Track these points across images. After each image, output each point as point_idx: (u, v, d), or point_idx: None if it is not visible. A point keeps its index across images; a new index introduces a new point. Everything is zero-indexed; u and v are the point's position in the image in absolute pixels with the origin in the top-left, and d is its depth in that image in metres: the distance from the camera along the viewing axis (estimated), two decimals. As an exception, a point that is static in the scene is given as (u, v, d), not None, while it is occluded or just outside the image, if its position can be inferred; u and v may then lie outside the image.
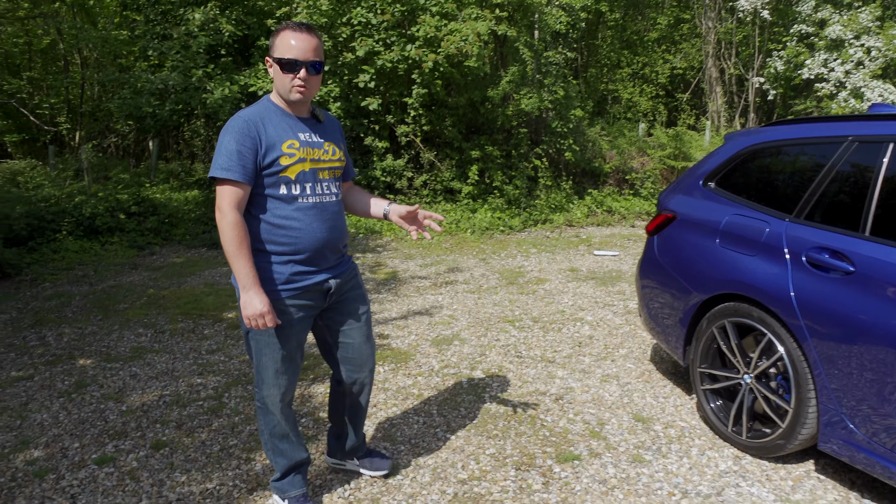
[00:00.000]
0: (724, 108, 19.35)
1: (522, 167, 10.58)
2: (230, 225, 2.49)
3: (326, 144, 2.71)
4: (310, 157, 2.62)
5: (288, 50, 2.53)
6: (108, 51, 14.37)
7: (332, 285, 2.75)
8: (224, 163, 2.50)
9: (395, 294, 6.58)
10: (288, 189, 2.59)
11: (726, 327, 3.64)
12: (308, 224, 2.61)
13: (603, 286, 6.90)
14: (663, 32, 20.79)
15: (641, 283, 4.48)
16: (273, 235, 2.60)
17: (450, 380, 4.50)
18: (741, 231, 3.67)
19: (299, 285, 2.65)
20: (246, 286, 2.51)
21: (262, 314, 2.52)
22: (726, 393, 3.79)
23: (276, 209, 2.59)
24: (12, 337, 5.48)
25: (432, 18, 9.28)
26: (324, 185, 2.68)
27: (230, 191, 2.51)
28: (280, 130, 2.58)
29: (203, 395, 4.27)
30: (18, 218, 8.67)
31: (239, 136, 2.51)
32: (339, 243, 2.77)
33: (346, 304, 2.86)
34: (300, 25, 2.57)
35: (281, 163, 2.55)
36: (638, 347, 5.14)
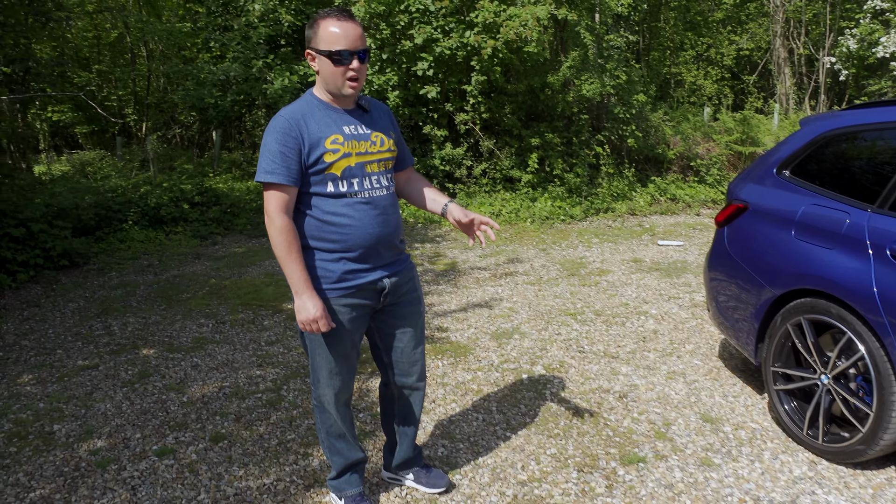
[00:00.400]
0: (794, 89, 18.62)
1: (583, 154, 10.35)
2: (278, 230, 2.43)
3: (374, 135, 2.60)
4: (356, 151, 2.51)
5: (336, 41, 2.41)
6: (172, 43, 14.64)
7: (387, 285, 2.65)
8: (268, 165, 2.43)
9: (455, 286, 6.50)
10: (335, 186, 2.50)
11: (802, 324, 3.45)
12: (359, 220, 2.51)
13: (668, 278, 6.68)
14: (729, 12, 20.08)
15: (710, 277, 4.29)
16: (323, 233, 2.52)
17: (510, 375, 4.40)
18: (819, 222, 3.46)
19: (351, 284, 2.57)
20: (298, 291, 2.45)
21: (316, 319, 2.45)
22: (801, 394, 3.59)
23: (324, 206, 2.50)
24: (79, 325, 5.61)
25: (491, 3, 9.12)
26: (373, 178, 2.57)
27: (276, 195, 2.44)
28: (323, 126, 2.48)
29: (262, 388, 4.27)
30: (87, 208, 8.90)
31: (281, 137, 2.43)
32: (394, 239, 2.66)
33: (400, 307, 2.76)
34: (342, 12, 2.45)
35: (325, 160, 2.45)
36: (705, 343, 4.94)
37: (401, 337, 2.79)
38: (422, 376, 2.90)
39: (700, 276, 6.75)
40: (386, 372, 2.88)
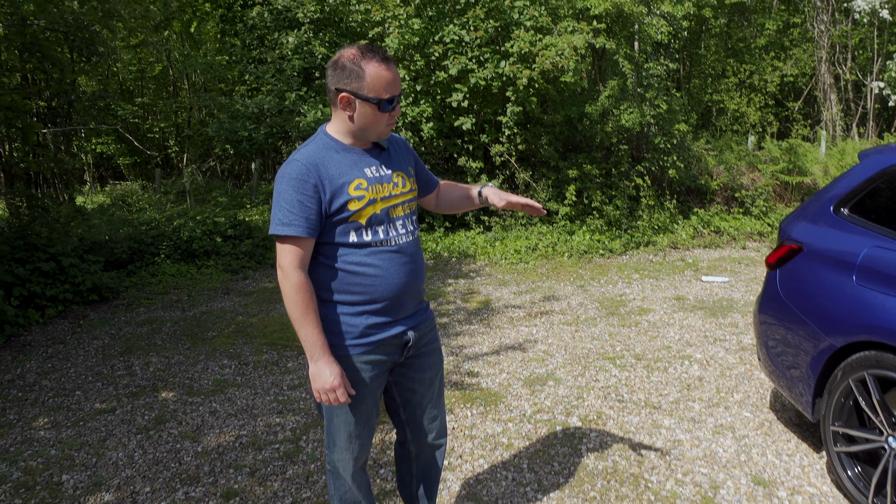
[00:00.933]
0: (840, 116, 18.05)
1: (623, 186, 10.04)
2: (294, 288, 2.18)
3: (396, 176, 2.36)
4: (380, 196, 2.28)
5: (386, 87, 2.19)
6: (212, 76, 14.80)
7: (411, 337, 2.41)
8: (285, 216, 2.18)
9: (487, 325, 6.24)
10: (359, 235, 2.26)
11: (866, 380, 3.11)
12: (385, 270, 2.29)
13: (713, 317, 6.33)
14: (771, 38, 19.62)
15: (761, 322, 3.96)
16: (344, 285, 2.28)
17: (543, 427, 4.11)
18: (884, 267, 3.13)
19: (375, 339, 2.32)
20: (314, 356, 2.20)
21: (334, 388, 2.21)
22: (866, 457, 3.24)
23: (347, 256, 2.27)
24: (102, 365, 5.47)
25: (526, 33, 8.95)
26: (398, 224, 2.34)
27: (293, 248, 2.19)
28: (344, 169, 2.25)
29: (280, 438, 4.05)
30: (120, 241, 8.88)
31: (298, 184, 2.18)
32: (419, 288, 2.45)
33: (420, 359, 2.52)
34: (385, 55, 2.22)
35: (350, 208, 2.22)
36: (755, 392, 4.59)
37: (420, 391, 2.54)
38: (442, 432, 2.65)
39: (748, 315, 6.38)
40: (403, 429, 2.63)
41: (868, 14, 16.47)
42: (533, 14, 9.06)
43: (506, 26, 9.31)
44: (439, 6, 9.64)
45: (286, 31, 9.73)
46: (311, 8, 9.43)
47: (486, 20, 9.10)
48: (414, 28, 9.10)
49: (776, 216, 10.68)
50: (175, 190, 13.31)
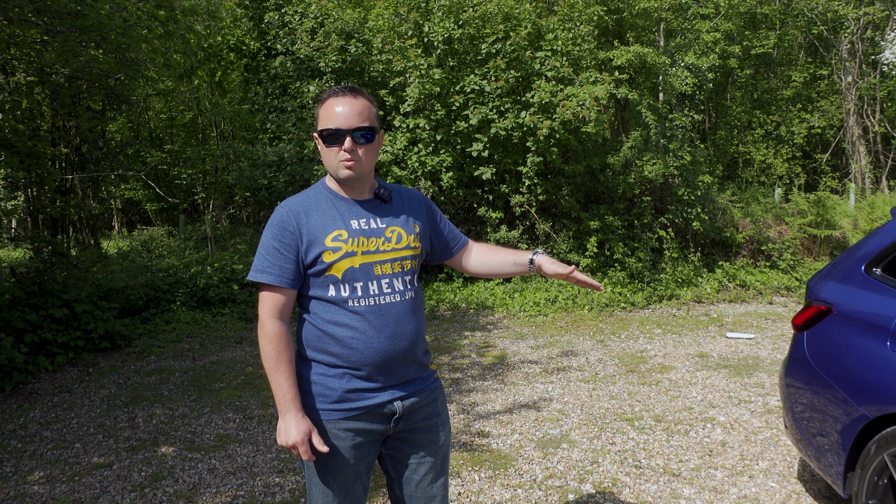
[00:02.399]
0: (869, 169, 17.76)
1: (646, 238, 9.84)
2: (266, 338, 2.10)
3: (390, 230, 2.21)
4: (361, 250, 2.14)
5: (330, 119, 2.11)
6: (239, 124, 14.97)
7: (399, 408, 2.20)
8: (260, 263, 2.13)
9: (501, 382, 6.03)
10: (336, 290, 2.13)
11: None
12: (362, 332, 2.12)
13: (737, 377, 6.07)
14: (798, 90, 19.48)
15: (787, 386, 3.72)
16: (324, 344, 2.14)
17: (554, 495, 3.88)
18: (921, 333, 2.91)
19: (355, 405, 2.15)
20: (283, 410, 2.08)
21: (296, 445, 2.07)
22: (904, 538, 2.98)
23: (325, 313, 2.14)
24: (105, 416, 5.35)
25: (547, 83, 8.90)
26: (382, 282, 2.16)
27: (268, 297, 2.12)
28: (326, 219, 2.14)
29: (279, 500, 3.87)
30: (138, 288, 8.85)
31: (277, 231, 2.12)
32: (412, 354, 2.22)
33: (417, 434, 2.29)
34: (344, 89, 2.15)
35: (324, 259, 2.10)
36: (782, 460, 4.32)
37: (416, 468, 2.31)
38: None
39: (774, 374, 6.11)
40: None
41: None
42: (554, 65, 9.02)
43: (526, 76, 9.28)
44: (460, 56, 9.66)
45: (308, 80, 9.79)
46: (333, 58, 9.49)
47: (506, 70, 9.09)
48: (435, 78, 9.10)
49: (804, 270, 10.39)
50: (197, 236, 13.34)
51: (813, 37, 19.53)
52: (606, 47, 10.38)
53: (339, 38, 9.67)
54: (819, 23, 18.17)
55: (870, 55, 18.23)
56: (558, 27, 9.32)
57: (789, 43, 20.24)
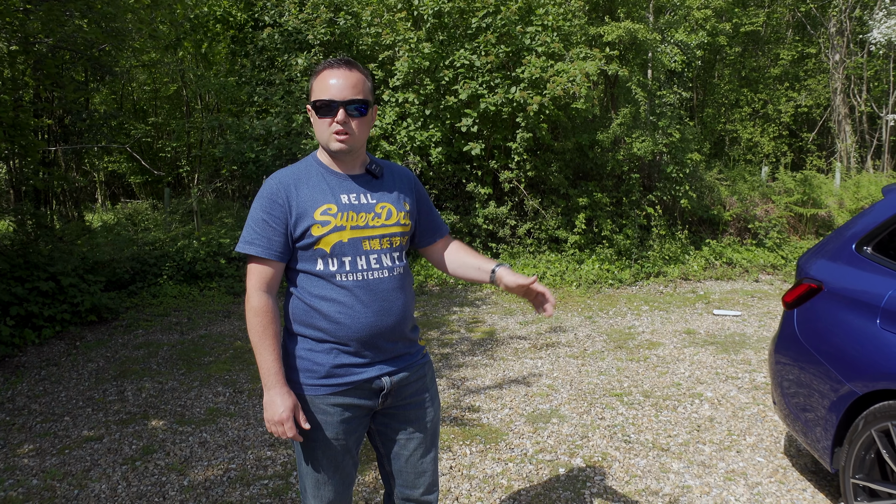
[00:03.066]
0: (855, 148, 17.87)
1: (634, 215, 9.87)
2: (253, 311, 2.10)
3: (380, 206, 2.21)
4: (350, 224, 2.14)
5: (324, 91, 2.10)
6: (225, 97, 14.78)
7: (387, 384, 2.21)
8: (248, 234, 2.12)
9: (491, 357, 6.06)
10: (325, 264, 2.13)
11: (890, 431, 2.91)
12: (350, 307, 2.12)
13: (724, 353, 6.13)
14: (786, 68, 19.51)
15: (776, 363, 3.77)
16: (311, 318, 2.15)
17: (545, 469, 3.91)
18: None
19: (342, 381, 2.15)
20: (268, 384, 2.09)
21: (281, 421, 2.07)
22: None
23: (312, 287, 2.14)
24: (94, 389, 5.33)
25: (538, 59, 8.84)
26: (371, 257, 2.16)
27: (256, 269, 2.12)
28: (316, 193, 2.14)
29: (270, 473, 3.88)
30: (124, 262, 8.78)
31: (266, 203, 2.12)
32: (399, 330, 2.22)
33: (406, 410, 2.30)
34: (339, 61, 2.13)
35: (313, 233, 2.10)
36: (769, 435, 4.38)
37: (405, 444, 2.33)
38: (431, 488, 2.40)
39: (761, 351, 6.17)
40: (388, 482, 2.43)
41: (884, 46, 16.35)
42: (545, 40, 8.97)
43: (517, 52, 9.22)
44: (450, 31, 9.57)
45: (296, 52, 9.67)
46: (322, 31, 9.37)
47: (497, 45, 9.02)
48: (424, 52, 9.02)
49: (790, 248, 10.47)
50: (182, 209, 13.23)
51: (801, 15, 19.52)
52: (597, 23, 10.32)
53: (328, 10, 9.55)
54: (808, 1, 18.15)
55: (857, 34, 18.25)
56: (549, 2, 9.25)
57: (777, 21, 20.22)
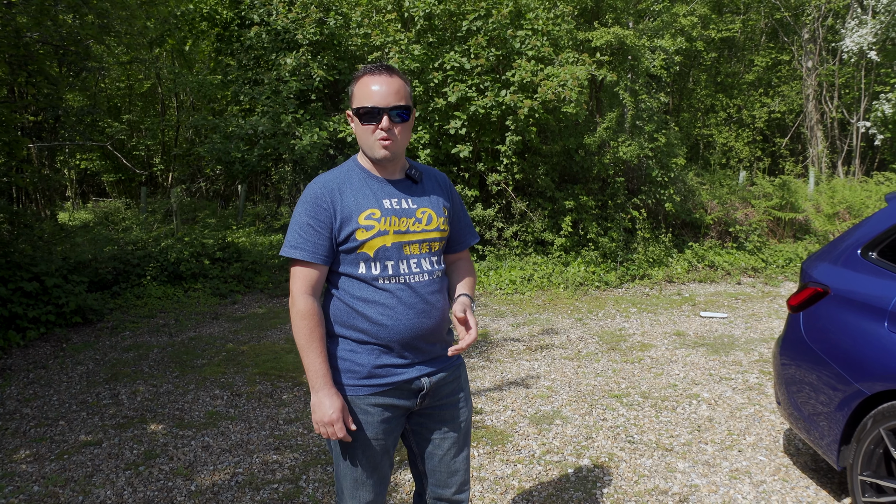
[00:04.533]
0: (826, 153, 18.23)
1: (619, 218, 9.96)
2: (299, 315, 2.11)
3: (420, 212, 2.23)
4: (393, 229, 2.15)
5: (367, 97, 2.10)
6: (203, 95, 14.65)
7: (426, 385, 2.23)
8: (294, 239, 2.13)
9: (487, 359, 6.07)
10: (367, 268, 2.15)
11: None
12: (392, 309, 2.14)
13: (715, 355, 6.21)
14: (760, 75, 19.85)
15: (782, 366, 3.83)
16: (352, 320, 2.16)
17: (553, 469, 3.93)
18: (919, 314, 3.02)
19: (384, 381, 2.17)
20: (316, 386, 2.10)
21: (332, 422, 2.09)
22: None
23: (355, 290, 2.16)
24: (86, 392, 5.24)
25: (528, 63, 8.88)
26: (412, 262, 2.19)
27: (301, 273, 2.13)
28: (360, 198, 2.15)
29: (279, 476, 3.84)
30: (105, 261, 8.64)
31: (311, 208, 2.13)
32: (438, 332, 2.25)
33: (442, 410, 2.32)
34: (380, 67, 2.14)
35: (357, 237, 2.12)
36: (767, 434, 4.45)
37: (439, 443, 2.34)
38: (463, 487, 2.41)
39: (750, 353, 6.26)
40: (420, 481, 2.44)
41: (856, 54, 16.69)
42: (535, 44, 9.01)
43: (507, 55, 9.25)
44: (440, 33, 9.57)
45: (284, 52, 9.60)
46: (311, 30, 9.31)
47: (487, 48, 9.04)
48: (414, 54, 9.01)
49: (769, 252, 10.64)
50: (162, 209, 13.07)
51: (775, 22, 19.85)
52: (584, 28, 10.40)
53: (318, 10, 9.49)
54: (782, 8, 18.47)
55: (830, 42, 18.62)
56: (539, 6, 9.30)
57: (752, 28, 20.55)
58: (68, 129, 11.63)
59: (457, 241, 2.44)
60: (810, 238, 11.42)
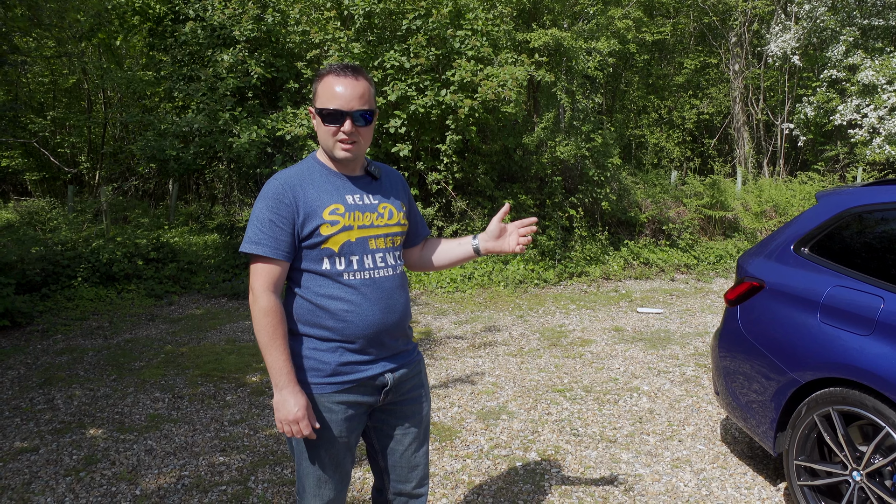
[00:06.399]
0: (752, 153, 18.94)
1: (557, 217, 10.13)
2: (262, 311, 2.09)
3: (382, 206, 2.27)
4: (357, 224, 2.18)
5: (331, 99, 2.12)
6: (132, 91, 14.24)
7: (390, 380, 2.26)
8: (254, 235, 2.11)
9: (432, 357, 6.10)
10: (331, 263, 2.15)
11: (831, 416, 3.15)
12: (357, 305, 2.16)
13: (653, 349, 6.39)
14: (689, 77, 20.48)
15: (721, 357, 3.99)
16: (316, 318, 2.16)
17: (502, 463, 4.00)
18: (848, 306, 3.19)
19: (348, 378, 2.18)
20: (279, 384, 2.09)
21: (297, 419, 2.08)
22: (829, 491, 3.27)
23: (318, 287, 2.16)
24: (19, 398, 5.05)
25: (468, 63, 8.95)
26: (377, 256, 2.22)
27: (262, 269, 2.12)
28: (322, 193, 2.16)
29: (226, 478, 3.79)
30: (33, 262, 8.31)
31: (273, 203, 2.12)
32: (400, 327, 2.28)
33: (403, 406, 2.36)
34: (345, 68, 2.15)
35: (322, 232, 2.13)
36: (705, 424, 4.62)
37: (401, 439, 2.38)
38: (423, 481, 2.46)
39: (686, 346, 6.48)
40: (381, 477, 2.46)
41: (780, 58, 17.37)
42: (475, 44, 9.08)
43: (447, 55, 9.30)
44: (380, 31, 9.55)
45: (220, 48, 9.42)
46: (248, 27, 9.17)
47: (427, 48, 9.07)
48: (354, 52, 8.97)
49: (701, 249, 11.00)
50: (91, 209, 12.64)
51: (703, 26, 20.49)
52: (523, 29, 10.54)
53: (255, 6, 9.34)
54: (711, 13, 19.08)
55: (755, 46, 19.33)
56: (478, 7, 9.38)
57: (682, 31, 21.16)
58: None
59: (414, 235, 2.51)
60: (739, 235, 11.85)
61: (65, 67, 17.52)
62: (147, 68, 12.94)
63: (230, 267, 9.40)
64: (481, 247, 2.43)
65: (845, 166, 17.60)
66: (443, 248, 2.54)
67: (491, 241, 2.41)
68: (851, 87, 16.16)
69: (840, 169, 17.58)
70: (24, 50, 9.52)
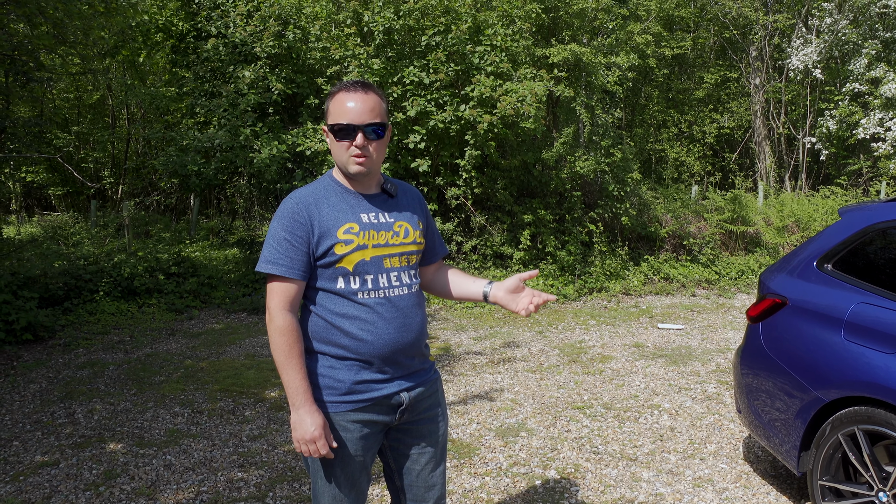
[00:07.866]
0: (773, 168, 18.80)
1: (576, 232, 10.09)
2: (278, 331, 2.08)
3: (398, 225, 2.25)
4: (372, 243, 2.17)
5: (342, 114, 2.12)
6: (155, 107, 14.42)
7: (406, 399, 2.23)
8: (270, 254, 2.11)
9: (451, 373, 6.08)
10: (346, 282, 2.14)
11: (857, 435, 3.09)
12: (372, 324, 2.14)
13: (674, 366, 6.32)
14: (710, 91, 20.40)
15: (743, 375, 3.93)
16: (332, 336, 2.15)
17: (521, 481, 3.96)
18: (874, 324, 3.13)
19: (364, 397, 2.16)
20: (296, 403, 2.08)
21: (314, 439, 2.07)
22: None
23: (333, 306, 2.15)
24: (40, 412, 5.09)
25: (487, 78, 8.97)
26: (391, 275, 2.20)
27: (279, 289, 2.11)
28: (337, 212, 2.16)
29: (245, 494, 3.79)
30: (56, 276, 8.40)
31: (288, 223, 2.12)
32: (416, 346, 2.25)
33: (419, 425, 2.32)
34: (355, 84, 2.16)
35: (336, 251, 2.12)
36: (727, 443, 4.55)
37: (417, 458, 2.34)
38: (440, 500, 2.42)
39: (708, 363, 6.40)
40: (397, 496, 2.43)
41: (801, 72, 17.26)
42: (494, 59, 9.11)
43: (466, 70, 9.33)
44: (399, 47, 9.61)
45: (242, 65, 9.52)
46: (270, 43, 9.26)
47: (446, 63, 9.10)
48: (373, 68, 9.03)
49: (722, 264, 10.90)
50: (113, 223, 12.78)
51: (724, 40, 20.43)
52: (542, 44, 10.56)
53: (277, 23, 9.45)
54: (731, 27, 19.01)
55: (776, 60, 19.22)
56: (497, 23, 9.41)
57: (702, 45, 21.11)
58: (15, 140, 11.33)
59: (431, 253, 2.49)
60: (761, 251, 11.73)
61: (89, 84, 17.81)
62: (170, 84, 13.10)
63: (250, 282, 9.45)
64: (491, 294, 2.40)
65: (868, 180, 17.41)
66: (457, 279, 2.52)
67: (503, 293, 2.37)
68: (874, 101, 16.02)
69: (863, 183, 17.39)
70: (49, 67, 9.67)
